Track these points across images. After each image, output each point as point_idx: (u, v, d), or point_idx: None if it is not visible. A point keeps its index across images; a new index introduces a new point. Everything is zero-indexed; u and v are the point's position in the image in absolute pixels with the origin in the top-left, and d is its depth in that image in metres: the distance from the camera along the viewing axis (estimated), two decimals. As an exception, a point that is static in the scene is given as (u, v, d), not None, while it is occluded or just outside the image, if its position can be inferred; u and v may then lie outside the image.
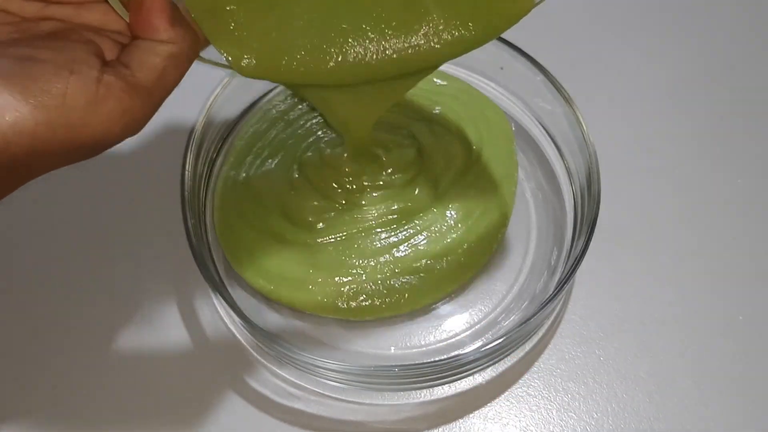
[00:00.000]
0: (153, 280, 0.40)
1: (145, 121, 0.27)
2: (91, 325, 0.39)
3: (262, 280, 0.39)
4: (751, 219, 0.43)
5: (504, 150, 0.43)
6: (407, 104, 0.44)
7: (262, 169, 0.42)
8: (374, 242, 0.40)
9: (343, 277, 0.39)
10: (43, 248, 0.41)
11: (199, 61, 0.30)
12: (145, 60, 0.26)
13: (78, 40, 0.26)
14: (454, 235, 0.40)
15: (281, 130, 0.44)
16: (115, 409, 0.37)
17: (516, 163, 0.43)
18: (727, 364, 0.38)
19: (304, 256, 0.39)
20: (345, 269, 0.39)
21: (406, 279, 0.39)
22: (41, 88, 0.23)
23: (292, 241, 0.40)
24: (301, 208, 0.40)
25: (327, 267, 0.39)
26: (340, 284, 0.39)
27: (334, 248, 0.40)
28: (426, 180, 0.41)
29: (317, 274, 0.39)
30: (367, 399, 0.37)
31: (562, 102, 0.41)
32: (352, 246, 0.40)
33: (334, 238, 0.40)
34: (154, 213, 0.42)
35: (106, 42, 0.27)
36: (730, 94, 0.47)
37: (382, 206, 0.41)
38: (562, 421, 0.37)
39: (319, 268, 0.39)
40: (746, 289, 0.40)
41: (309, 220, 0.40)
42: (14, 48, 0.25)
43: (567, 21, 0.51)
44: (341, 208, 0.41)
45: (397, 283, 0.39)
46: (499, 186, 0.42)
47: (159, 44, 0.27)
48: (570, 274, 0.36)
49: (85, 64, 0.25)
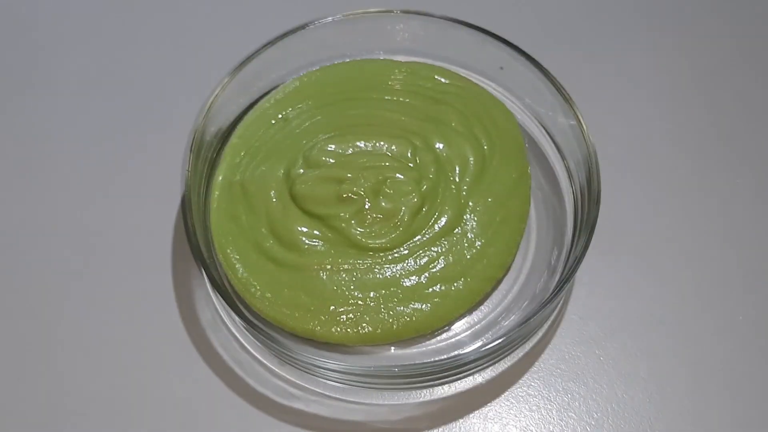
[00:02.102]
0: (153, 280, 0.40)
1: None
2: (90, 324, 0.39)
3: (249, 296, 0.37)
4: (751, 219, 0.43)
5: (514, 148, 0.41)
6: (413, 106, 0.43)
7: (256, 172, 0.40)
8: (377, 274, 0.37)
9: (340, 307, 0.37)
10: (43, 248, 0.41)
11: None
12: None
13: None
14: (474, 251, 0.38)
15: (278, 129, 0.43)
16: (114, 409, 0.37)
17: (527, 161, 0.41)
18: (727, 364, 0.38)
19: (293, 279, 0.37)
20: (342, 299, 0.37)
21: (416, 305, 0.37)
22: None
23: (281, 260, 0.38)
24: (289, 230, 0.38)
25: (320, 295, 0.37)
26: (335, 313, 0.36)
27: (328, 277, 0.37)
28: (439, 195, 0.39)
29: (309, 299, 0.37)
30: (367, 399, 0.37)
31: (562, 101, 0.41)
32: (351, 277, 0.37)
33: (328, 267, 0.37)
34: (154, 213, 0.42)
35: None
36: (729, 94, 0.47)
37: (386, 239, 0.38)
38: (562, 421, 0.37)
39: (311, 294, 0.37)
40: (746, 289, 0.40)
41: (297, 243, 0.38)
42: None
43: (567, 20, 0.51)
44: (335, 238, 0.38)
45: (405, 310, 0.37)
46: (516, 187, 0.40)
47: None
48: (570, 274, 0.36)
49: None
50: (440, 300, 0.37)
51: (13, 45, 0.49)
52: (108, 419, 0.37)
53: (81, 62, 0.48)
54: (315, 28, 0.43)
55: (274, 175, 0.40)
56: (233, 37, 0.48)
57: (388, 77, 0.44)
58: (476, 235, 0.39)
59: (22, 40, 0.49)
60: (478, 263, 0.38)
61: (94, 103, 0.47)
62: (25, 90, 0.47)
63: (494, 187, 0.40)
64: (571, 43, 0.49)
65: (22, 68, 0.48)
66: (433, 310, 0.37)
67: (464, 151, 0.41)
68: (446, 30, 0.43)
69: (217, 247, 0.39)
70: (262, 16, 0.50)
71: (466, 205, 0.39)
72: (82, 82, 0.47)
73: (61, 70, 0.48)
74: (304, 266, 0.37)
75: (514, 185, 0.40)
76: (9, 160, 0.44)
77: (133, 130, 0.45)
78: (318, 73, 0.44)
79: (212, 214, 0.40)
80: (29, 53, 0.49)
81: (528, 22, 0.50)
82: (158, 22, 0.50)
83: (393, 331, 0.36)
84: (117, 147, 0.45)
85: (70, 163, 0.44)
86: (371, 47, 0.45)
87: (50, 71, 0.48)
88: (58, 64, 0.48)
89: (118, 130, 0.45)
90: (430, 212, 0.39)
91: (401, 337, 0.37)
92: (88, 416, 0.37)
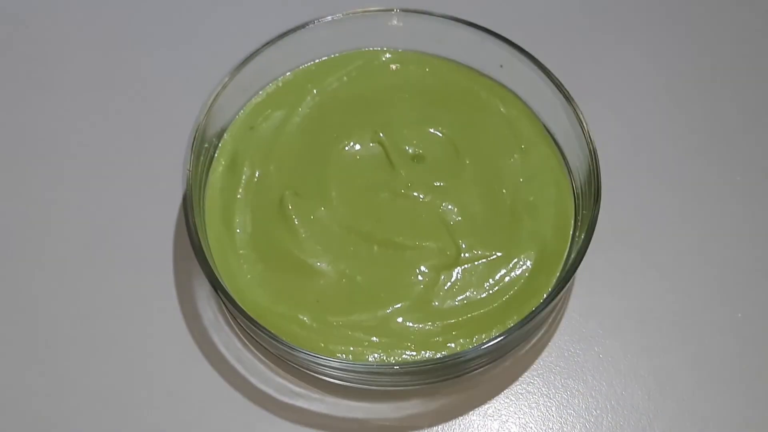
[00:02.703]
0: (154, 279, 0.40)
1: None
2: (91, 324, 0.39)
3: (237, 299, 0.36)
4: (751, 216, 0.43)
5: (543, 141, 0.42)
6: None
7: (254, 178, 0.41)
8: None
9: (349, 331, 0.36)
10: (44, 248, 0.42)
11: None
12: None
13: None
14: (516, 275, 0.38)
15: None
16: (116, 408, 0.37)
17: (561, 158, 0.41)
18: (726, 362, 0.38)
19: (287, 298, 0.37)
20: (350, 325, 0.37)
21: (437, 339, 0.36)
22: None
23: (271, 277, 0.38)
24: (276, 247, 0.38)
25: (318, 320, 0.36)
26: (338, 338, 0.36)
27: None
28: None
29: (306, 311, 0.36)
30: (368, 397, 0.37)
31: (563, 100, 0.41)
32: (358, 310, 0.37)
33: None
34: (155, 212, 0.42)
35: None
36: (729, 92, 0.47)
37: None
38: (561, 418, 0.37)
39: (309, 309, 0.37)
40: (746, 287, 0.41)
41: (296, 257, 0.38)
42: None
43: (567, 19, 0.50)
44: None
45: (428, 341, 0.36)
46: (557, 187, 0.41)
47: None
48: (570, 273, 0.36)
49: None
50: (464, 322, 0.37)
51: (15, 45, 0.49)
52: (109, 419, 0.37)
53: (82, 62, 0.48)
54: (315, 27, 0.43)
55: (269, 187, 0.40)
56: (233, 37, 0.48)
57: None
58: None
59: (23, 41, 0.49)
60: (510, 289, 0.38)
61: (95, 104, 0.47)
62: (27, 90, 0.47)
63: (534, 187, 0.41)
64: (571, 42, 0.49)
65: (23, 68, 0.48)
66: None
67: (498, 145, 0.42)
68: (446, 28, 0.43)
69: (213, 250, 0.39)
70: (262, 16, 0.50)
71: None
72: (82, 83, 0.47)
73: (62, 70, 0.48)
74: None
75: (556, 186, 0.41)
76: (9, 160, 0.45)
77: (134, 130, 0.45)
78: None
79: (207, 213, 0.40)
80: (30, 53, 0.49)
81: (528, 21, 0.50)
82: (158, 22, 0.50)
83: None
84: (117, 147, 0.45)
85: (71, 163, 0.44)
86: (371, 46, 0.45)
87: (51, 71, 0.48)
88: (59, 63, 0.48)
89: (119, 130, 0.45)
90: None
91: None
92: (90, 416, 0.37)
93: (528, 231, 0.39)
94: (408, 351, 0.36)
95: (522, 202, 0.40)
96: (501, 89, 0.44)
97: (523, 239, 0.39)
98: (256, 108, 0.43)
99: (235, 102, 0.43)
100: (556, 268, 0.38)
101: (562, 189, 0.41)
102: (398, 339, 0.36)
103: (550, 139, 0.42)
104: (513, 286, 0.38)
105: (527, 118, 0.43)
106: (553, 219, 0.40)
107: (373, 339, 0.36)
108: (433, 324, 0.37)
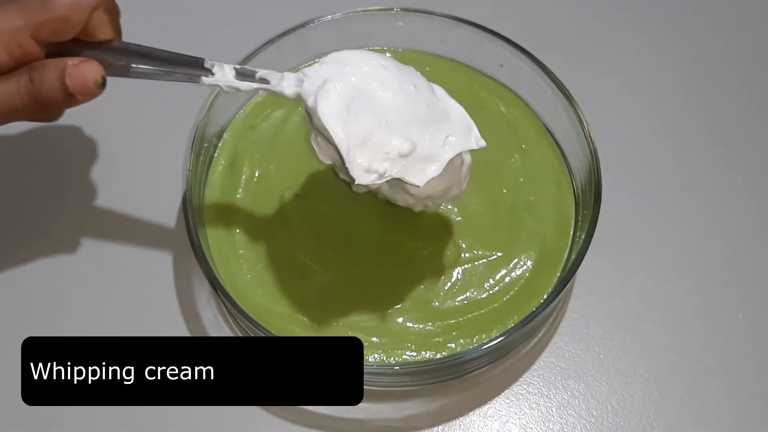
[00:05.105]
0: (154, 278, 0.40)
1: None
2: (91, 324, 0.39)
3: (237, 299, 0.36)
4: (751, 216, 0.43)
5: (544, 141, 0.42)
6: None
7: (254, 177, 0.41)
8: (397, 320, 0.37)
9: (349, 331, 0.37)
10: (44, 248, 0.42)
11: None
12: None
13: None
14: (515, 274, 0.38)
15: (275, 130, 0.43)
16: (115, 408, 0.37)
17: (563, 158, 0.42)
18: (726, 362, 0.38)
19: (287, 298, 0.37)
20: (350, 325, 0.37)
21: (437, 340, 0.37)
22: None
23: (272, 279, 0.38)
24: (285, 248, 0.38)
25: (317, 320, 0.37)
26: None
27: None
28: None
29: (306, 311, 0.37)
30: (369, 397, 0.37)
31: (563, 100, 0.41)
32: (362, 304, 0.37)
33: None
34: (155, 211, 0.42)
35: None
36: (729, 92, 0.47)
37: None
38: (561, 418, 0.37)
39: (309, 309, 0.37)
40: (746, 287, 0.41)
41: (299, 260, 0.38)
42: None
43: (568, 20, 0.50)
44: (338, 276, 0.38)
45: (429, 342, 0.36)
46: (558, 185, 0.41)
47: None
48: (571, 273, 0.36)
49: None
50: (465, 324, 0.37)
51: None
52: (110, 418, 0.37)
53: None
54: (315, 27, 0.43)
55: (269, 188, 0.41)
56: (233, 36, 0.48)
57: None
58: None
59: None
60: (512, 289, 0.38)
61: (94, 103, 0.47)
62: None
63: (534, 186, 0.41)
64: (571, 42, 0.49)
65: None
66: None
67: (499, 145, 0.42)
68: (447, 28, 0.43)
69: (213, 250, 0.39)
70: (262, 16, 0.49)
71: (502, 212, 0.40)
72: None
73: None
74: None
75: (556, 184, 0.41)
76: (9, 160, 0.44)
77: (134, 130, 0.45)
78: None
79: (206, 212, 0.40)
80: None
81: (528, 21, 0.50)
82: (158, 22, 0.50)
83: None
84: (117, 147, 0.45)
85: (71, 163, 0.44)
86: (372, 45, 0.45)
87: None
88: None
89: (119, 130, 0.45)
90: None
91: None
92: (91, 415, 0.37)
93: (528, 231, 0.39)
94: (408, 351, 0.36)
95: (522, 202, 0.40)
96: (501, 89, 0.44)
97: (524, 239, 0.39)
98: (256, 108, 0.43)
99: (235, 102, 0.43)
100: (556, 268, 0.39)
101: (562, 189, 0.41)
102: (398, 339, 0.36)
103: (550, 138, 0.42)
104: (513, 286, 0.38)
105: (527, 118, 0.43)
106: (554, 219, 0.40)
107: (373, 339, 0.36)
108: (434, 324, 0.37)
